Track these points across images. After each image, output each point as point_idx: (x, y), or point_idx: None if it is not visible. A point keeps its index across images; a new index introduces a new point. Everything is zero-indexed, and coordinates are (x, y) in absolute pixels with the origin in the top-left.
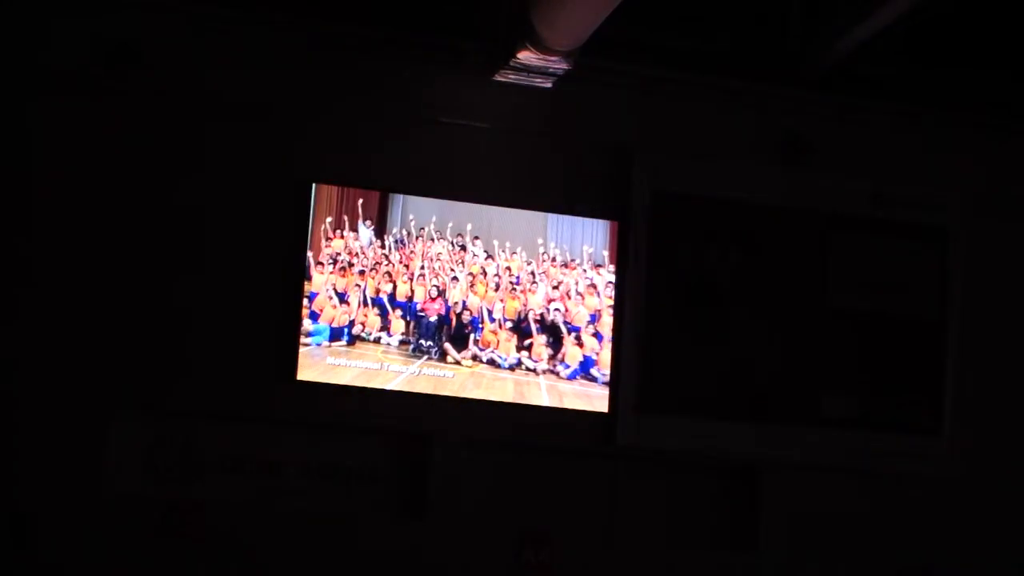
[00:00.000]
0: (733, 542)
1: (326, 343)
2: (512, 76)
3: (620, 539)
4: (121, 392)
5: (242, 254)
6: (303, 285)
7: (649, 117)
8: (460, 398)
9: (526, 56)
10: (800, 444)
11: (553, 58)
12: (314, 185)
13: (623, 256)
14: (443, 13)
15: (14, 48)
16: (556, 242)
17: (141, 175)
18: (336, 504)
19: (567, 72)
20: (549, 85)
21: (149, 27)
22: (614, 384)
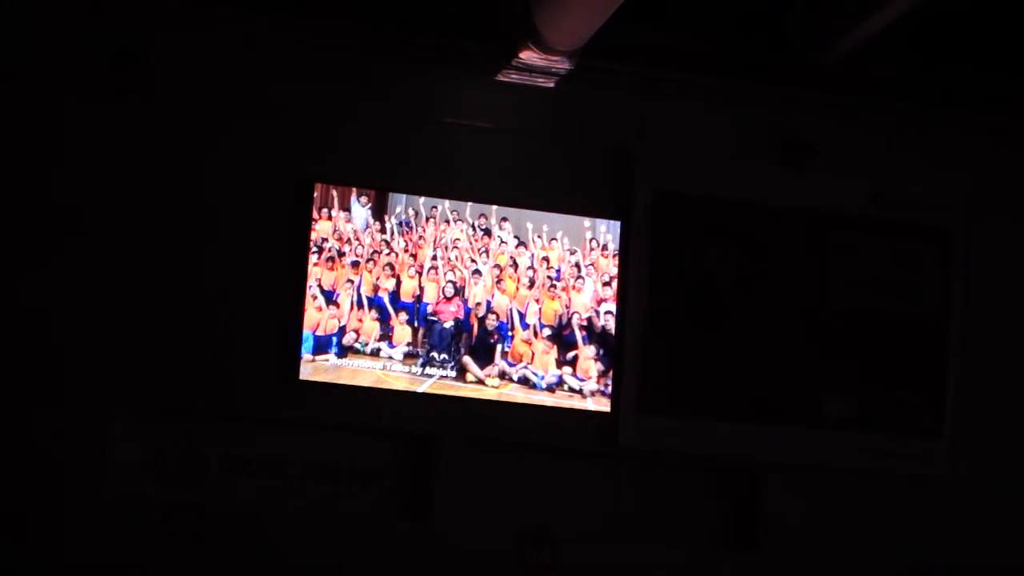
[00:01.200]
0: (734, 542)
1: (308, 356)
2: (514, 76)
3: (621, 539)
4: (122, 392)
5: (243, 254)
6: (305, 285)
7: (651, 117)
8: (462, 398)
9: (528, 56)
10: (801, 444)
11: (556, 58)
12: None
13: (625, 256)
14: (445, 13)
15: (15, 49)
16: (608, 226)
17: (140, 176)
18: (338, 504)
19: (569, 72)
20: (551, 85)
21: (149, 27)
22: (616, 384)
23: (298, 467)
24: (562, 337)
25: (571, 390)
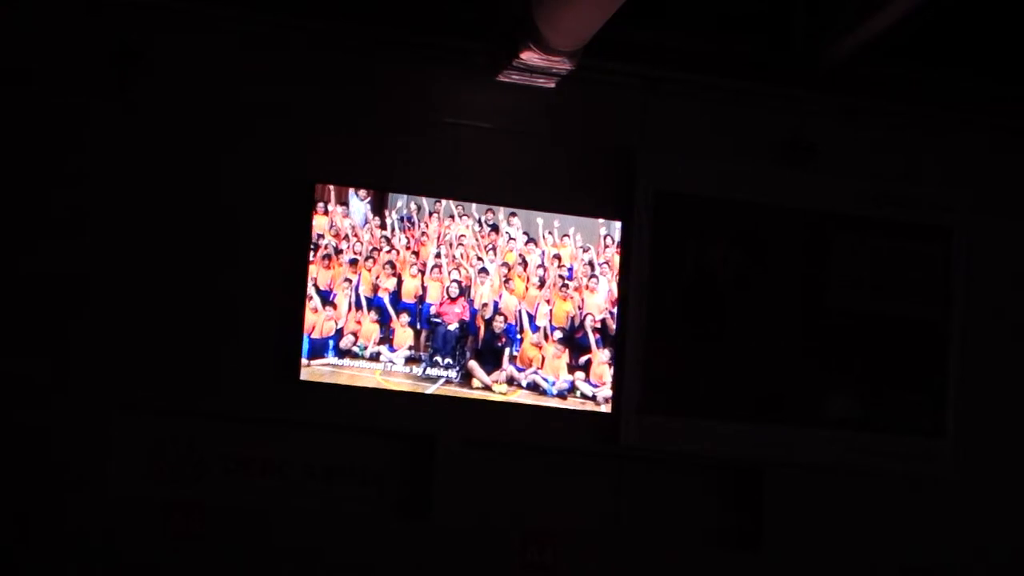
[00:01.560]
0: (735, 542)
1: (304, 360)
2: (515, 76)
3: (622, 539)
4: (122, 392)
5: (244, 254)
6: (306, 286)
7: (652, 117)
8: (463, 398)
9: (529, 56)
10: (802, 444)
11: (556, 58)
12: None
13: (626, 256)
14: (446, 13)
15: (16, 49)
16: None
17: (140, 176)
18: (339, 504)
19: (570, 72)
20: (552, 85)
21: (149, 27)
22: (617, 384)
23: (298, 467)
24: (574, 340)
25: (583, 396)
